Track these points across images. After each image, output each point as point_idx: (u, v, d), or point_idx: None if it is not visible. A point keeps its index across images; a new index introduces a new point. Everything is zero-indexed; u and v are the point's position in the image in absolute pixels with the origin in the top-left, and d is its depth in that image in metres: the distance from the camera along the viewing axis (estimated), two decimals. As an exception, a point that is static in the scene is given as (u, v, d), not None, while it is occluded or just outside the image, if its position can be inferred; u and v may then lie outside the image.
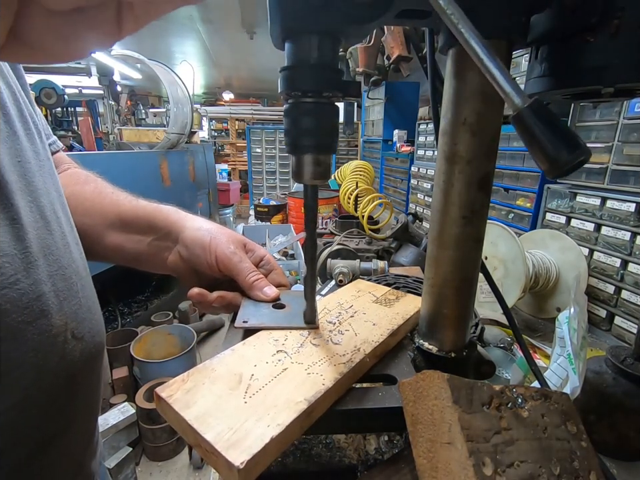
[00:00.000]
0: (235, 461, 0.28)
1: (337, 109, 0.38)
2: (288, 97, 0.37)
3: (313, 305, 0.47)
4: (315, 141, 0.37)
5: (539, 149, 0.24)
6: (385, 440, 0.54)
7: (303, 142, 0.37)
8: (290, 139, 0.38)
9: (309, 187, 0.41)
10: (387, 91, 3.77)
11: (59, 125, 4.55)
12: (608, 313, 1.35)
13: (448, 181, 0.43)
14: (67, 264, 0.43)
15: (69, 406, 0.43)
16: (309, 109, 0.36)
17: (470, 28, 0.26)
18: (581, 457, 0.34)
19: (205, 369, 0.39)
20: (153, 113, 7.29)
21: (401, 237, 1.73)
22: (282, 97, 0.38)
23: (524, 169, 1.80)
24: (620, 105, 1.29)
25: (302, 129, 0.37)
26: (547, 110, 0.24)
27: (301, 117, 0.36)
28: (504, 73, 0.25)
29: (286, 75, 0.36)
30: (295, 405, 0.34)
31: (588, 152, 0.24)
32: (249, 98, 10.01)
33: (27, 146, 0.42)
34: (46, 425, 0.40)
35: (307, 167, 0.38)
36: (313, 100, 0.36)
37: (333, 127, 0.38)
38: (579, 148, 0.24)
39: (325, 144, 0.38)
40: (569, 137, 0.24)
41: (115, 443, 1.72)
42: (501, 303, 0.54)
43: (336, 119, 0.38)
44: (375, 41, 2.64)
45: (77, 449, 0.47)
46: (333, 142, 0.38)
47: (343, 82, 0.36)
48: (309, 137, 0.37)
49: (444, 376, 0.33)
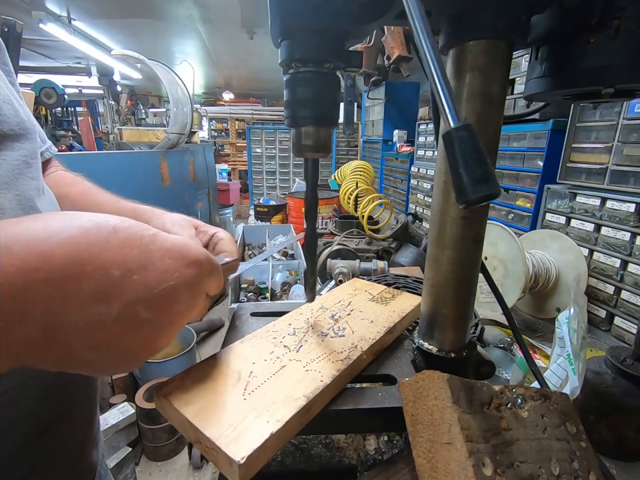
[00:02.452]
0: (235, 457, 0.28)
1: (338, 80, 0.36)
2: (288, 67, 0.36)
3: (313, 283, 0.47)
4: (315, 112, 0.36)
5: (453, 176, 0.25)
6: (384, 440, 0.54)
7: (302, 113, 0.36)
8: (289, 111, 0.36)
9: (310, 160, 0.40)
10: (387, 91, 3.77)
11: (59, 124, 4.55)
12: (608, 314, 1.35)
13: (448, 181, 0.43)
14: None
15: (64, 393, 0.44)
16: (309, 79, 0.35)
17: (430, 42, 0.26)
18: (581, 457, 0.34)
19: (204, 366, 0.39)
20: (153, 112, 7.29)
21: (401, 237, 1.73)
22: (282, 69, 0.36)
23: (524, 170, 1.80)
24: (620, 105, 1.29)
25: (301, 100, 0.35)
26: (473, 139, 0.24)
27: (300, 88, 0.35)
28: (448, 91, 0.25)
29: (286, 44, 0.35)
30: (294, 402, 0.34)
31: (495, 191, 0.24)
32: (248, 98, 10.01)
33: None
34: (42, 411, 0.41)
35: (306, 140, 0.37)
36: (313, 69, 0.35)
37: (333, 99, 0.36)
38: (485, 186, 0.23)
39: (326, 116, 0.36)
40: (482, 174, 0.24)
41: (114, 443, 1.72)
42: (500, 303, 0.54)
43: (337, 90, 0.37)
44: (375, 41, 2.63)
45: (76, 436, 0.48)
46: (334, 114, 0.37)
47: (345, 51, 0.35)
48: (308, 108, 0.36)
49: (444, 376, 0.33)
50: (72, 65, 6.62)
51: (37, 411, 0.40)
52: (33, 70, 6.28)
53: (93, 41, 5.04)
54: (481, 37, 0.37)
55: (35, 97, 3.45)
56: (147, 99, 9.30)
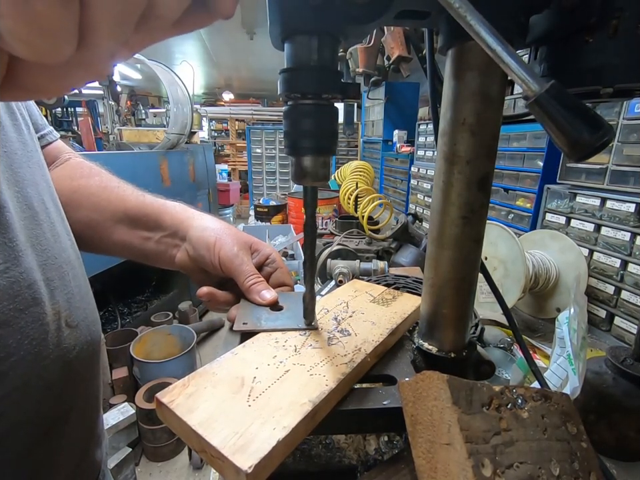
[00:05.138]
0: (242, 466, 0.28)
1: (336, 111, 0.38)
2: (288, 98, 0.37)
3: (312, 307, 0.47)
4: (314, 142, 0.37)
5: (560, 133, 0.24)
6: (384, 440, 0.54)
7: (302, 144, 0.37)
8: (289, 141, 0.38)
9: (309, 188, 0.41)
10: (387, 91, 3.78)
11: (59, 125, 4.56)
12: (608, 314, 1.35)
13: (447, 181, 0.43)
14: (57, 254, 0.43)
15: (67, 393, 0.44)
16: (309, 111, 0.36)
17: (479, 19, 0.25)
18: (581, 457, 0.34)
19: (205, 372, 0.38)
20: (153, 113, 7.27)
21: (401, 238, 1.73)
22: (282, 99, 0.38)
23: (524, 169, 1.80)
24: (620, 105, 1.29)
25: (301, 131, 0.37)
26: (566, 93, 0.24)
27: (300, 119, 0.36)
28: (518, 60, 0.25)
29: (285, 77, 0.36)
30: (300, 407, 0.34)
31: (610, 131, 0.23)
32: (248, 98, 10.02)
33: (13, 137, 0.42)
34: (46, 411, 0.41)
35: (306, 169, 0.38)
36: (313, 102, 0.36)
37: (332, 129, 0.38)
38: (601, 128, 0.23)
39: (325, 146, 0.38)
40: (591, 118, 0.23)
41: (114, 444, 1.72)
42: (500, 303, 0.54)
43: (335, 120, 0.38)
44: (374, 41, 2.63)
45: (79, 437, 0.48)
46: (333, 144, 0.38)
47: (343, 83, 0.36)
48: (308, 138, 0.37)
49: (443, 377, 0.32)
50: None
51: (41, 411, 0.40)
52: (33, 70, 6.27)
53: (93, 41, 5.04)
54: (480, 37, 0.37)
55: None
56: (147, 99, 9.31)
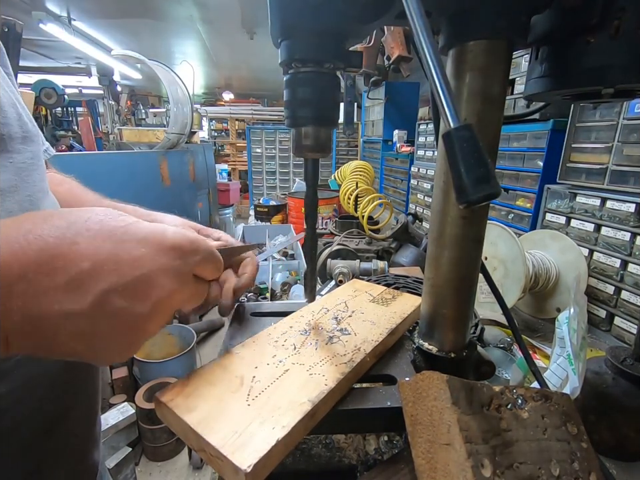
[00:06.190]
0: (241, 465, 0.28)
1: (338, 80, 0.36)
2: (288, 67, 0.36)
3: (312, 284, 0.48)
4: (315, 112, 0.36)
5: (454, 174, 0.25)
6: (384, 440, 0.54)
7: (302, 113, 0.36)
8: (289, 111, 0.36)
9: (309, 160, 0.40)
10: (387, 91, 3.77)
11: (59, 124, 4.55)
12: (608, 314, 1.35)
13: (448, 181, 0.43)
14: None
15: (68, 391, 0.45)
16: (309, 79, 0.35)
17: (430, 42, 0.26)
18: (581, 457, 0.34)
19: (205, 372, 0.38)
20: (153, 113, 7.27)
21: (401, 237, 1.73)
22: (282, 69, 0.36)
23: (524, 170, 1.80)
24: (620, 105, 1.29)
25: (301, 100, 0.35)
26: (473, 139, 0.24)
27: (300, 88, 0.35)
28: (448, 91, 0.25)
29: (286, 45, 0.35)
30: (299, 407, 0.34)
31: (496, 191, 0.24)
32: (248, 98, 10.01)
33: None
34: (48, 409, 0.42)
35: (306, 140, 0.37)
36: (314, 70, 0.35)
37: (333, 99, 0.36)
38: (485, 187, 0.23)
39: (326, 116, 0.36)
40: (481, 174, 0.24)
41: (114, 443, 1.72)
42: (500, 303, 0.54)
43: (337, 90, 0.37)
44: (374, 41, 2.63)
45: (80, 435, 0.50)
46: (334, 114, 0.37)
47: (345, 51, 0.35)
48: (308, 108, 0.36)
49: (443, 377, 0.32)
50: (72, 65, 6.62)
51: (42, 409, 0.41)
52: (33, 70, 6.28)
53: (93, 41, 5.04)
54: (481, 37, 0.37)
55: (35, 97, 3.45)
56: (147, 99, 9.30)
